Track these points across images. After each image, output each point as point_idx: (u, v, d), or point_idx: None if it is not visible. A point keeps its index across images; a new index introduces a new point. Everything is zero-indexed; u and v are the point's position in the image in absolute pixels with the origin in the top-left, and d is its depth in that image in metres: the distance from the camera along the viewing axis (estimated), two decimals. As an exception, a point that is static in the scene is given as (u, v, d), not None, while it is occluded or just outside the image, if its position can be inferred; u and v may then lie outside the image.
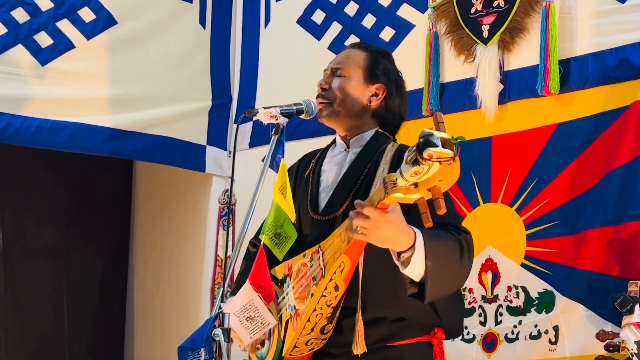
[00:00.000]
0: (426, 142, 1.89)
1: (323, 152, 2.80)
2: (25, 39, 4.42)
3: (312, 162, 2.79)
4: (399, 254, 2.31)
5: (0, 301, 5.25)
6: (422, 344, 2.56)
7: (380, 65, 2.73)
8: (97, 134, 4.56)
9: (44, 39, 4.48)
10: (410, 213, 2.25)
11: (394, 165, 2.49)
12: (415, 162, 1.92)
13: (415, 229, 2.28)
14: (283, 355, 2.56)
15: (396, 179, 2.01)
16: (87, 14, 4.60)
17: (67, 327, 5.47)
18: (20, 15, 4.42)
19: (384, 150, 2.62)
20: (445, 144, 1.89)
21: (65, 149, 4.55)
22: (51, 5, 4.51)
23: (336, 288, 2.45)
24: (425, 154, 1.89)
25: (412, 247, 2.28)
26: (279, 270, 2.65)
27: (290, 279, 2.60)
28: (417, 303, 2.41)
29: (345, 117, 2.69)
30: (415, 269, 2.30)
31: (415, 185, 1.98)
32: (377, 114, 2.71)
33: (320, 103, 2.69)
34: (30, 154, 4.90)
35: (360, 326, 2.46)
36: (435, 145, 1.89)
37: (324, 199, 2.67)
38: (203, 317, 4.72)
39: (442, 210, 1.96)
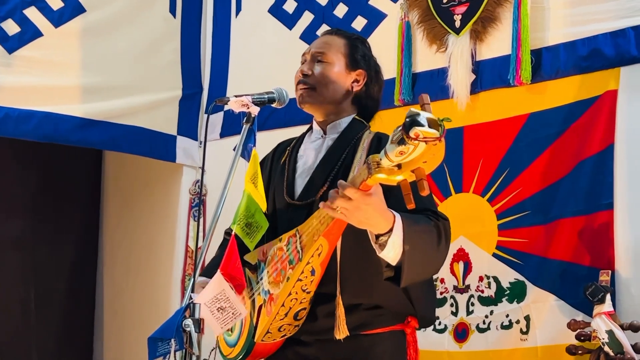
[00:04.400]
0: (413, 121, 1.89)
1: (299, 139, 2.82)
2: (-8, 27, 4.40)
3: (287, 149, 2.80)
4: (377, 236, 2.32)
5: (-34, 294, 5.23)
6: (396, 333, 2.57)
7: (359, 51, 2.77)
8: (66, 124, 4.54)
9: (11, 27, 4.44)
10: (392, 195, 2.26)
11: (372, 152, 2.50)
12: (401, 142, 1.92)
13: (395, 213, 2.29)
14: (255, 340, 2.56)
15: (380, 160, 2.01)
16: (55, 2, 4.57)
17: (34, 321, 5.44)
18: (-15, 3, 4.40)
19: (360, 137, 2.65)
20: (432, 124, 1.90)
21: (32, 139, 4.52)
22: (18, -8, 4.48)
23: (312, 272, 2.46)
24: (412, 133, 1.89)
25: (391, 230, 2.29)
26: (253, 256, 2.65)
27: (264, 264, 2.60)
28: (392, 290, 2.43)
29: (327, 103, 2.71)
30: (392, 252, 2.31)
31: (399, 166, 1.98)
32: (357, 99, 2.74)
33: (302, 89, 2.70)
34: (-3, 143, 4.87)
35: (341, 310, 2.47)
36: (422, 125, 1.89)
37: (300, 184, 2.68)
38: (173, 308, 4.71)
39: (426, 192, 1.97)
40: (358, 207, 2.21)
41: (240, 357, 2.60)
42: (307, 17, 4.63)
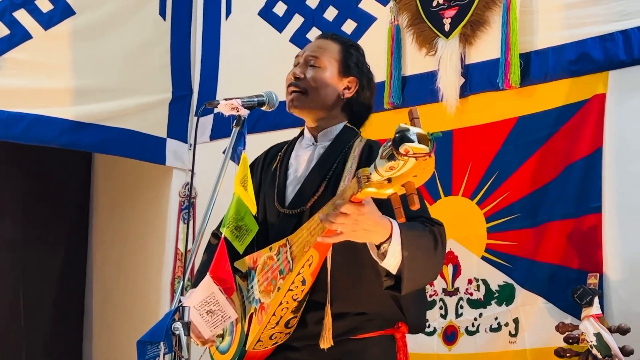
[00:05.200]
0: (402, 137, 1.90)
1: (290, 144, 2.80)
2: (-20, 30, 4.40)
3: (279, 155, 2.78)
4: (377, 247, 2.31)
5: (-45, 295, 5.21)
6: (386, 337, 2.57)
7: (353, 58, 2.74)
8: (55, 126, 4.54)
9: (0, 29, 4.43)
10: (382, 208, 2.26)
11: (363, 161, 2.51)
12: (390, 157, 1.92)
13: (391, 219, 2.28)
14: (246, 349, 2.55)
15: (370, 174, 2.02)
16: (44, 4, 4.57)
17: (23, 322, 5.43)
18: (-26, 5, 4.39)
19: (352, 145, 2.63)
20: (421, 139, 1.90)
21: (22, 141, 4.52)
22: (7, -6, 4.48)
23: (303, 282, 2.46)
24: (402, 149, 1.89)
25: (390, 237, 2.28)
26: (244, 263, 2.65)
27: (255, 272, 2.59)
28: (383, 299, 2.44)
29: (317, 108, 2.69)
30: (393, 260, 2.31)
31: (389, 180, 1.99)
32: (348, 106, 2.72)
33: (292, 92, 2.68)
34: (-14, 146, 4.85)
35: (328, 320, 2.46)
36: (412, 141, 1.89)
37: (291, 192, 2.66)
38: (163, 311, 4.71)
39: (416, 206, 1.98)
40: (355, 220, 2.21)
41: (232, 364, 2.61)
42: (297, 20, 4.63)
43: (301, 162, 2.71)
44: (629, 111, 3.45)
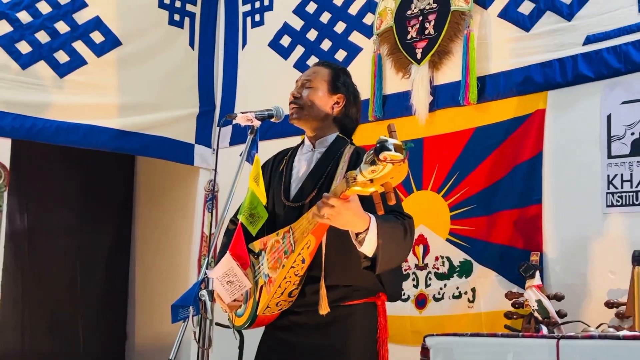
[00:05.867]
0: (382, 147, 1.92)
1: (294, 150, 2.80)
2: (47, 56, 4.38)
3: (285, 159, 2.79)
4: (356, 234, 2.33)
5: (24, 272, 5.20)
6: (369, 304, 2.57)
7: (341, 79, 2.74)
8: (105, 134, 4.53)
9: (62, 56, 4.44)
10: (365, 202, 2.27)
11: (351, 164, 2.52)
12: (372, 163, 1.94)
13: (370, 214, 2.30)
14: (257, 313, 2.56)
15: (356, 176, 2.04)
16: (97, 36, 4.56)
17: (79, 293, 5.43)
18: (42, 37, 4.38)
19: (343, 151, 2.63)
20: (397, 149, 1.92)
21: (79, 146, 4.50)
22: (68, 28, 4.47)
23: (303, 261, 2.47)
24: (381, 156, 1.91)
25: (367, 229, 2.30)
26: (256, 245, 2.65)
27: (265, 252, 2.59)
28: (366, 274, 2.44)
29: (312, 120, 2.69)
30: (369, 246, 2.33)
31: (371, 181, 2.01)
32: (337, 119, 2.72)
33: (292, 108, 2.70)
34: (50, 150, 4.85)
35: (323, 291, 2.47)
36: (389, 150, 1.91)
37: (294, 189, 2.67)
38: (191, 282, 4.69)
39: (393, 202, 2.00)
40: (340, 212, 2.23)
41: (246, 325, 2.61)
42: (299, 50, 4.63)
43: (302, 165, 2.72)
44: (563, 123, 3.45)
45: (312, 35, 4.57)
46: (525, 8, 3.61)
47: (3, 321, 4.65)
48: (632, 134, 3.22)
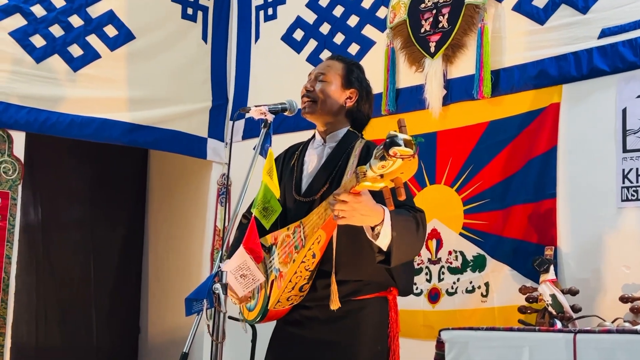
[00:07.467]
0: (392, 142, 1.91)
1: (305, 145, 2.79)
2: (61, 50, 4.40)
3: (296, 154, 2.78)
4: (372, 228, 2.32)
5: (39, 263, 5.23)
6: (380, 298, 2.57)
7: (354, 74, 2.72)
8: (118, 128, 4.54)
9: (75, 50, 4.45)
10: (375, 197, 2.27)
11: (362, 159, 2.49)
12: (382, 158, 1.94)
13: (383, 206, 2.29)
14: (268, 308, 2.57)
15: (366, 171, 2.03)
16: (111, 30, 4.57)
17: (93, 285, 5.46)
18: (56, 30, 4.40)
19: (353, 146, 2.61)
20: (407, 144, 1.92)
21: (92, 139, 4.52)
22: (82, 22, 4.48)
23: (313, 256, 2.47)
24: (391, 152, 1.91)
25: (382, 221, 2.29)
26: (267, 240, 2.65)
27: (276, 247, 2.60)
28: (378, 269, 2.43)
29: (325, 114, 2.67)
30: (384, 240, 2.32)
31: (381, 176, 2.00)
32: (350, 113, 2.70)
33: (305, 102, 2.68)
34: (64, 144, 4.87)
35: (334, 286, 2.46)
36: (399, 145, 1.91)
37: (305, 184, 2.66)
38: (204, 275, 4.72)
39: (403, 197, 2.00)
40: (353, 207, 2.22)
41: (257, 320, 2.61)
42: (312, 44, 4.63)
43: (313, 160, 2.70)
44: (578, 116, 3.43)
45: (325, 29, 4.56)
46: (540, 1, 3.60)
47: (17, 313, 4.67)
48: (648, 128, 3.21)
